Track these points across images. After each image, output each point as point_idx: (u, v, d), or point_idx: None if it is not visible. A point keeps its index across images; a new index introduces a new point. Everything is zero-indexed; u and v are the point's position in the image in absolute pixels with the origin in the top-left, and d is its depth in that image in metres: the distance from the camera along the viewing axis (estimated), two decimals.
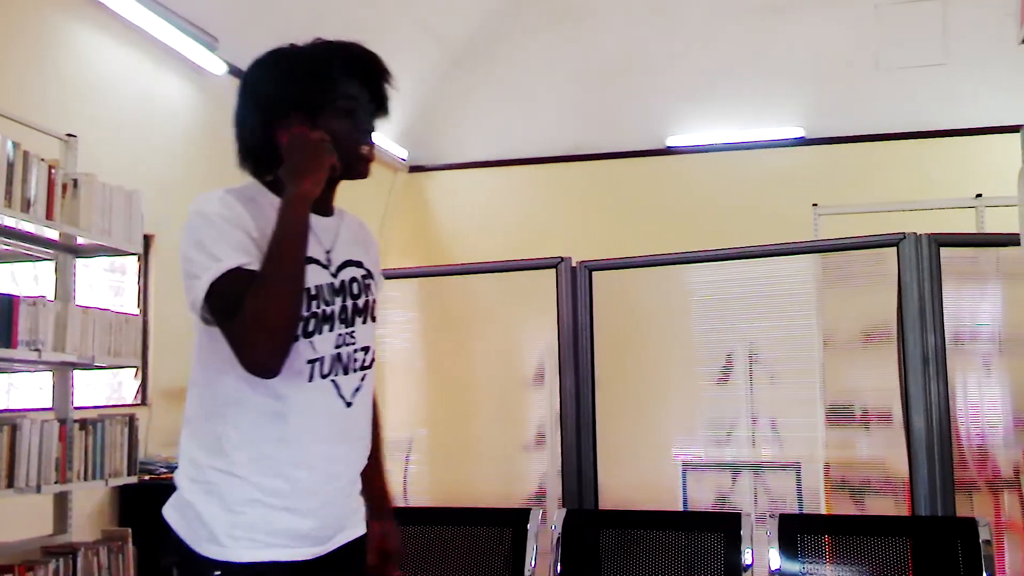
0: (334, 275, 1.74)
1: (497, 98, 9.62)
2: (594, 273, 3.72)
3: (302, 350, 1.64)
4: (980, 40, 8.79)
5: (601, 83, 9.93)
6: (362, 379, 1.75)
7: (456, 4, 9.13)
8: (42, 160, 3.74)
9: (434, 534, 2.92)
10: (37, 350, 3.66)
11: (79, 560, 3.93)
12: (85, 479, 3.92)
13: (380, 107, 1.81)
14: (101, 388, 6.13)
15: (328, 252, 1.75)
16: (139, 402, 6.26)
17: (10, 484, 3.50)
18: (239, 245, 1.60)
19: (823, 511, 3.49)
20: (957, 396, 3.20)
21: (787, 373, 3.74)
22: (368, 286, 1.80)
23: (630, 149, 10.15)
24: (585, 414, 3.64)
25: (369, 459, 1.85)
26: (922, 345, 3.12)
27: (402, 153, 10.18)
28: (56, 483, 3.77)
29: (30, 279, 5.50)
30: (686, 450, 3.80)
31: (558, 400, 3.71)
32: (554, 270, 3.73)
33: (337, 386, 1.69)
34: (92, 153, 4.51)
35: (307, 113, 1.71)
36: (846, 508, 3.48)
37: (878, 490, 3.40)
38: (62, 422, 3.87)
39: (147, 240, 6.18)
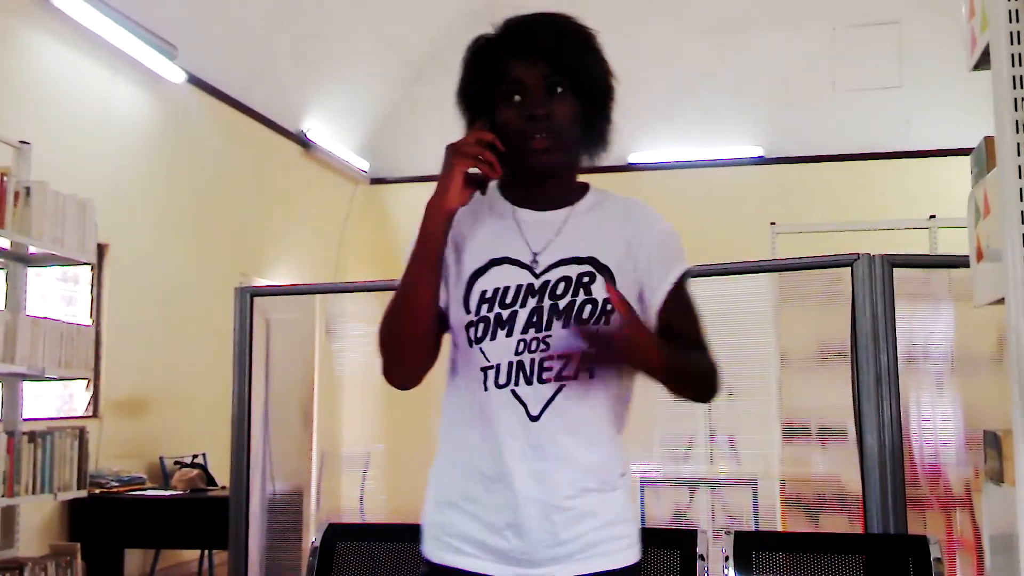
0: (537, 275, 1.57)
1: (458, 112, 9.61)
2: None
3: (474, 357, 1.56)
4: (935, 64, 8.97)
5: None
6: (557, 391, 1.53)
7: (416, 16, 9.13)
8: None
9: (390, 551, 2.90)
10: None
11: (26, 575, 3.85)
12: (33, 492, 3.85)
13: (569, 78, 1.56)
14: (51, 400, 6.02)
15: (537, 253, 1.58)
16: (90, 414, 6.16)
17: None
18: None
19: (779, 527, 3.51)
20: (910, 415, 3.24)
21: (744, 390, 3.76)
22: (585, 285, 1.56)
23: (591, 164, 10.21)
24: None
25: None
26: (875, 364, 3.15)
27: (363, 165, 10.14)
28: (3, 496, 3.70)
29: None
30: (644, 466, 3.81)
31: None
32: None
33: (519, 397, 1.53)
34: (45, 161, 4.45)
35: (486, 111, 1.59)
36: (802, 525, 3.50)
37: (833, 507, 3.43)
38: (10, 434, 3.80)
39: (101, 250, 6.09)
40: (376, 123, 9.99)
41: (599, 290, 1.55)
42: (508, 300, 1.55)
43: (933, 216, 6.50)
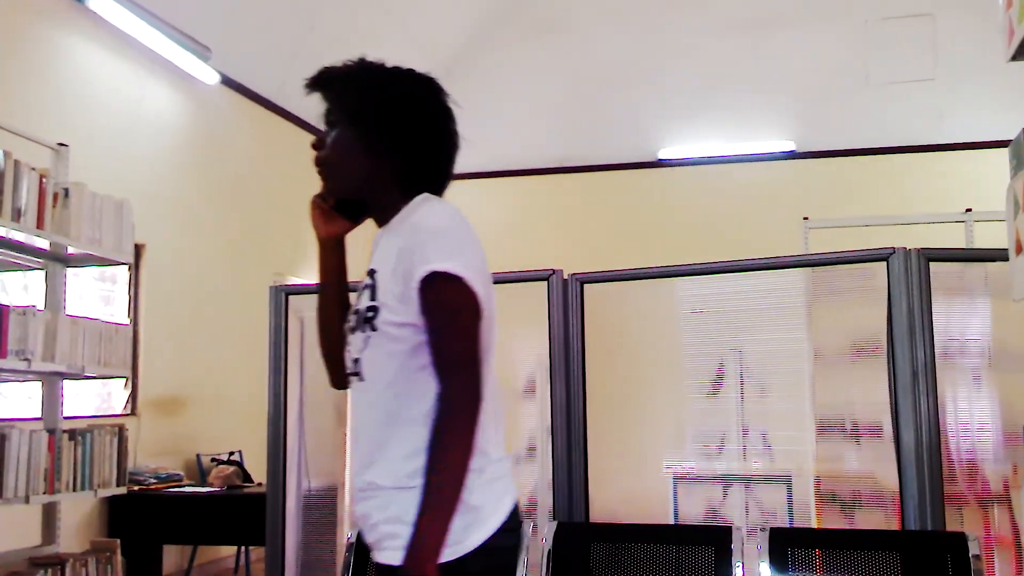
0: None
1: (485, 110, 9.64)
2: (585, 285, 3.72)
3: None
4: (969, 56, 8.86)
5: (591, 95, 9.96)
6: (358, 389, 1.77)
7: (443, 17, 9.15)
8: (33, 169, 3.73)
9: None
10: (27, 360, 3.65)
11: (67, 571, 3.91)
12: (74, 489, 3.91)
13: (337, 112, 1.81)
14: (90, 398, 6.11)
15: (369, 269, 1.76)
16: (129, 412, 6.24)
17: None
18: None
19: (814, 524, 3.49)
20: (947, 410, 3.20)
21: (778, 386, 3.74)
22: (361, 296, 1.73)
23: (621, 161, 10.19)
24: (576, 426, 3.64)
25: None
26: (911, 359, 3.12)
27: None
28: (44, 493, 3.75)
29: (20, 288, 5.49)
30: (677, 463, 3.80)
31: (549, 412, 3.71)
32: (545, 282, 3.74)
33: (355, 395, 1.78)
34: (83, 162, 4.51)
35: None
36: (836, 521, 3.48)
37: (868, 504, 3.40)
38: (51, 432, 3.85)
39: (137, 250, 6.17)
40: None
41: (364, 299, 1.70)
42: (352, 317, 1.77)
43: (969, 209, 6.42)
